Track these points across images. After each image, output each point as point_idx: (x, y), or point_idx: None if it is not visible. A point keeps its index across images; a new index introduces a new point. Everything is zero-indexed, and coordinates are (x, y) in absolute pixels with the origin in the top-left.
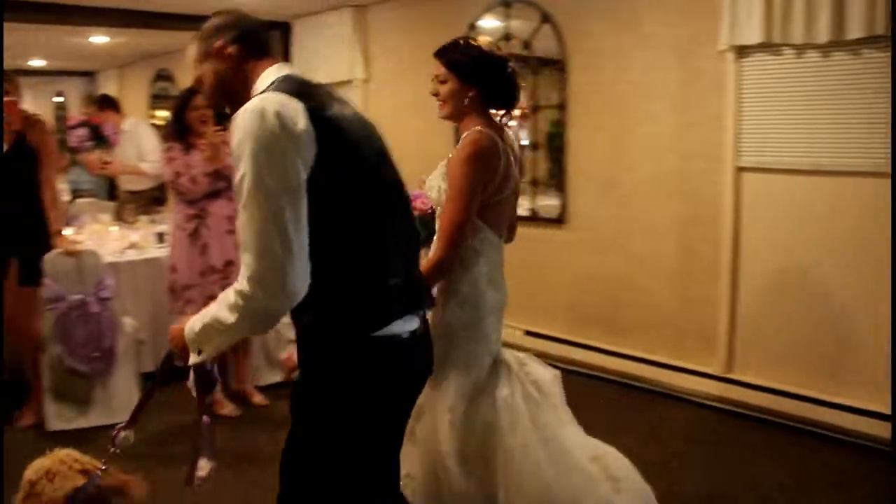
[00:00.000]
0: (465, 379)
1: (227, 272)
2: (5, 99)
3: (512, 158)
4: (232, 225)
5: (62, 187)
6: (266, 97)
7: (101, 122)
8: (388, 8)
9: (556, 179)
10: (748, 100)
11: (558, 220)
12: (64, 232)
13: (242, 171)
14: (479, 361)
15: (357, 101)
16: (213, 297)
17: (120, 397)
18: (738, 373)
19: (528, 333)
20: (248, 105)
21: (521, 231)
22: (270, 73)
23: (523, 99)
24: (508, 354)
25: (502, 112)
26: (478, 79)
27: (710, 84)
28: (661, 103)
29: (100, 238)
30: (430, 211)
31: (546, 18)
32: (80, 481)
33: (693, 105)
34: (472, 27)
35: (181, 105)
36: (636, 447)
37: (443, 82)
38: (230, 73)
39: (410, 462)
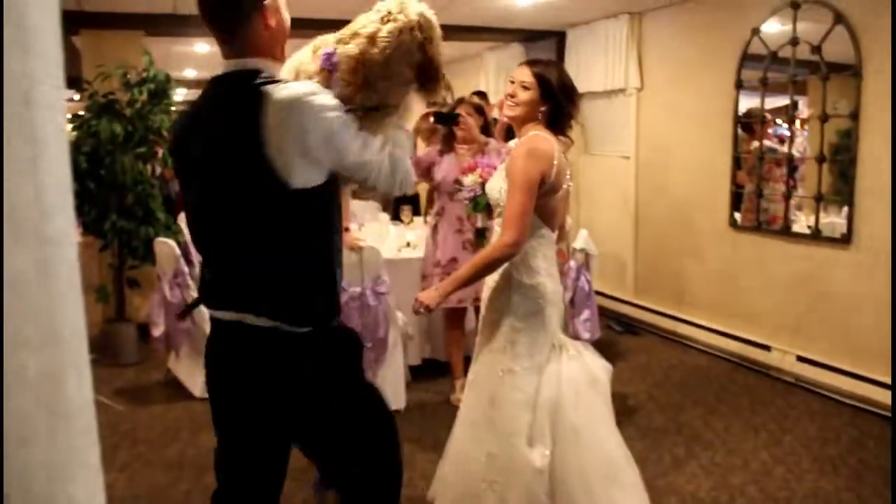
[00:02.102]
0: (531, 363)
1: (449, 268)
2: None
3: (566, 166)
4: (461, 225)
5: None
6: None
7: None
8: (665, 14)
9: (842, 195)
10: None
11: (843, 240)
12: (349, 228)
13: None
14: (541, 348)
15: (630, 109)
16: None
17: (387, 387)
18: None
19: (801, 359)
20: None
21: (799, 250)
22: None
23: (806, 108)
24: (567, 341)
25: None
26: (555, 96)
27: None
28: None
29: (378, 236)
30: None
31: (839, 19)
32: None
33: None
34: (756, 32)
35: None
36: None
37: (526, 88)
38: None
39: (480, 445)
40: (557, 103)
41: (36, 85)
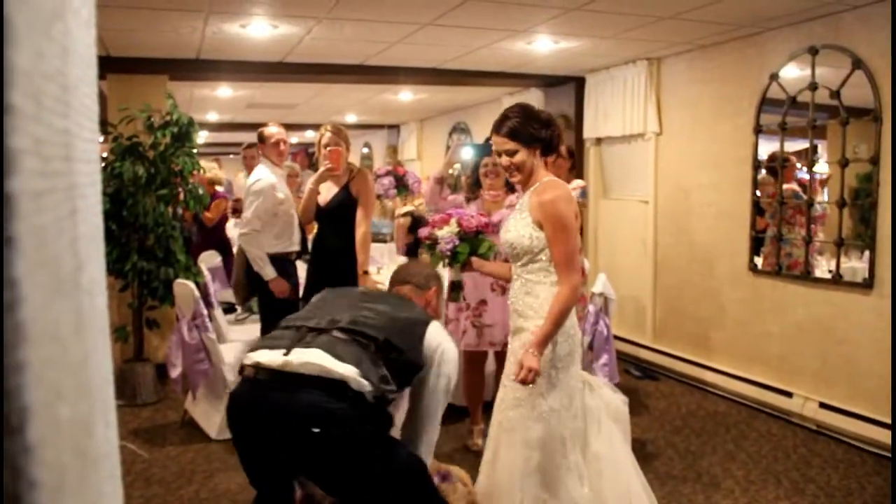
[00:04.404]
0: (570, 402)
1: (479, 310)
2: (333, 148)
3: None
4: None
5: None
6: None
7: (405, 172)
8: (683, 60)
9: (863, 240)
10: None
11: (865, 285)
12: (368, 271)
13: None
14: (573, 384)
15: (649, 154)
16: (465, 332)
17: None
18: None
19: (824, 406)
20: None
21: (820, 295)
22: None
23: (826, 153)
24: (587, 376)
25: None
26: (538, 138)
27: None
28: None
29: None
30: (473, 230)
31: (858, 64)
32: None
33: None
34: (775, 77)
35: (476, 160)
36: None
37: (512, 154)
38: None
39: (528, 490)
40: (541, 139)
41: (75, 139)
